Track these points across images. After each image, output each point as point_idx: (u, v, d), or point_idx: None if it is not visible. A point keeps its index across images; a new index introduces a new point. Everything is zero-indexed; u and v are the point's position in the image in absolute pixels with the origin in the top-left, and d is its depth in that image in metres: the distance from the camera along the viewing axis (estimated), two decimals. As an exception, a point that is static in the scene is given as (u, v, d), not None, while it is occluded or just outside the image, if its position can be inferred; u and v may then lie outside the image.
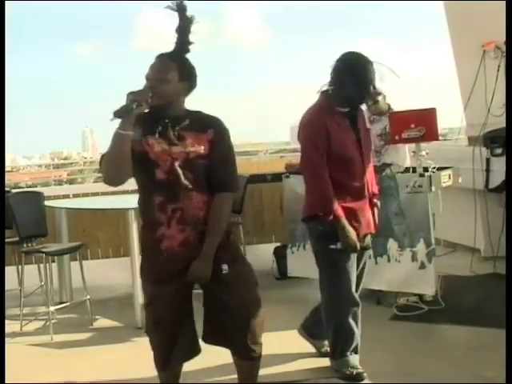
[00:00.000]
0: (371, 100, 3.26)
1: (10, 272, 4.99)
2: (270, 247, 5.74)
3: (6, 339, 3.77)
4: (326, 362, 3.41)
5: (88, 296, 4.62)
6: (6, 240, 4.80)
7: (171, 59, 2.54)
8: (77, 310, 4.77)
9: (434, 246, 4.25)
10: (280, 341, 3.84)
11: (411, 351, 3.60)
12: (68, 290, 5.17)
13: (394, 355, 3.57)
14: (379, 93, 3.26)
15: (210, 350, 2.83)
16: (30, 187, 15.47)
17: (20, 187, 15.48)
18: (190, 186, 2.52)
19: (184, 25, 2.56)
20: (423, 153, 4.36)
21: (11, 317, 4.61)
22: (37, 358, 3.91)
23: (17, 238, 4.79)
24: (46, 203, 5.04)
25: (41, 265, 4.98)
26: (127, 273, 4.58)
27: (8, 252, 5.00)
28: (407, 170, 4.67)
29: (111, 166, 2.48)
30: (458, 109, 5.93)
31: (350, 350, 3.29)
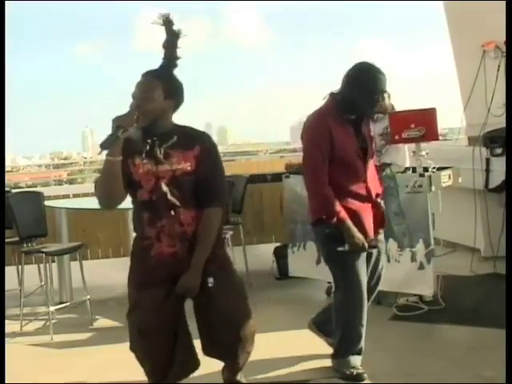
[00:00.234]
0: (378, 107, 3.28)
1: (10, 272, 5.00)
2: (270, 247, 5.74)
3: (6, 339, 3.78)
4: (327, 362, 3.41)
5: (88, 296, 4.62)
6: (6, 240, 4.80)
7: (157, 78, 2.55)
8: (77, 310, 4.77)
9: (434, 247, 4.25)
10: (280, 341, 3.85)
11: (411, 351, 3.60)
12: (68, 290, 5.17)
13: (394, 355, 3.57)
14: (384, 91, 3.26)
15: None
16: (30, 187, 15.47)
17: (20, 187, 15.49)
18: (178, 204, 2.55)
19: (171, 39, 2.59)
20: (423, 153, 4.36)
21: (11, 317, 4.61)
22: (37, 358, 3.91)
23: (17, 238, 4.79)
24: (46, 203, 5.04)
25: (41, 265, 4.99)
26: (127, 273, 4.57)
27: (8, 252, 5.00)
28: (407, 170, 4.67)
29: (104, 191, 2.57)
30: (458, 109, 5.94)
31: (355, 351, 3.29)
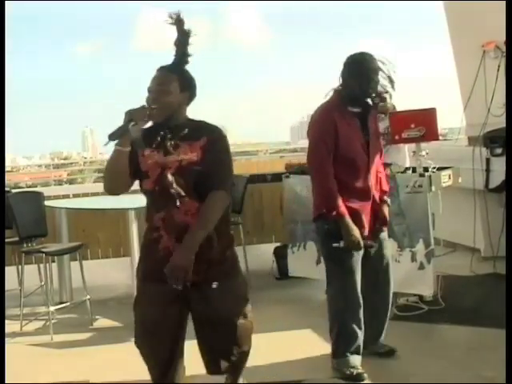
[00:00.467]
0: (378, 98, 3.28)
1: (10, 272, 4.99)
2: (270, 247, 5.74)
3: (6, 339, 3.77)
4: (327, 362, 3.41)
5: (88, 296, 4.62)
6: (6, 240, 4.80)
7: (172, 71, 2.62)
8: (77, 310, 4.77)
9: (434, 247, 4.25)
10: (280, 341, 3.85)
11: (411, 351, 3.60)
12: (68, 290, 5.17)
13: (394, 355, 3.56)
14: (386, 91, 3.28)
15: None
16: (30, 187, 15.44)
17: (20, 187, 15.46)
18: (183, 194, 2.56)
19: (182, 38, 2.65)
20: (423, 153, 4.36)
21: (11, 317, 4.61)
22: (37, 358, 3.91)
23: (17, 238, 4.79)
24: (46, 203, 5.04)
25: (41, 265, 4.98)
26: (127, 273, 4.59)
27: (8, 252, 5.00)
28: (407, 170, 4.67)
29: (109, 178, 2.64)
30: (458, 109, 5.93)
31: (352, 351, 3.29)
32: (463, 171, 4.85)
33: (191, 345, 2.88)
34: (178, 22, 2.64)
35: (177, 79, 2.60)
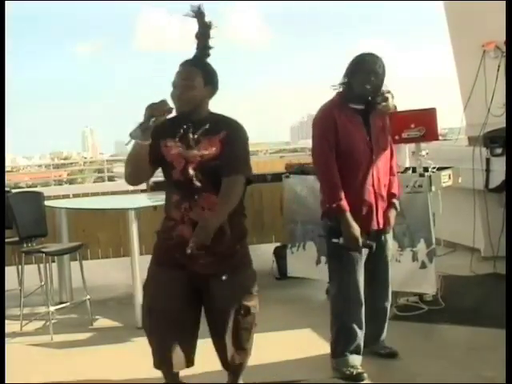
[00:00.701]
0: (379, 97, 3.29)
1: (10, 272, 4.99)
2: (270, 247, 5.73)
3: (6, 339, 3.77)
4: (326, 362, 3.40)
5: (88, 296, 4.61)
6: (6, 240, 4.79)
7: (195, 65, 2.67)
8: (77, 310, 4.77)
9: (435, 246, 4.25)
10: (280, 341, 3.85)
11: (411, 351, 3.60)
12: (68, 290, 5.17)
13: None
14: (388, 91, 3.30)
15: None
16: (30, 187, 15.49)
17: (20, 187, 15.50)
18: (202, 187, 2.63)
19: (203, 30, 2.69)
20: (423, 153, 4.36)
21: (11, 317, 4.61)
22: (37, 358, 3.91)
23: (17, 238, 4.79)
24: (46, 203, 5.03)
25: (41, 265, 4.98)
26: (127, 273, 4.58)
27: (8, 252, 4.99)
28: (407, 170, 4.67)
29: (130, 170, 2.67)
30: (458, 109, 5.94)
31: (351, 350, 3.29)
32: (463, 171, 4.85)
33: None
34: (199, 15, 2.67)
35: (201, 73, 2.65)
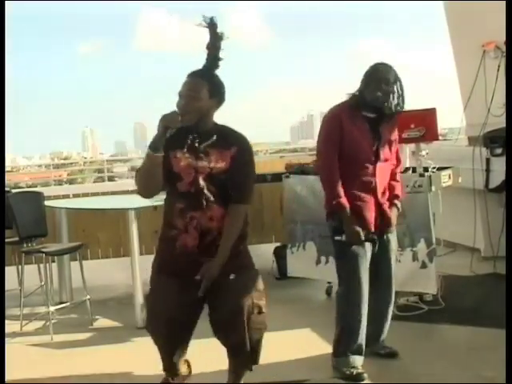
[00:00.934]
0: (388, 108, 3.32)
1: (10, 272, 4.99)
2: (270, 247, 5.73)
3: (6, 339, 3.78)
4: (327, 362, 3.41)
5: (88, 296, 4.61)
6: (6, 240, 4.79)
7: (202, 77, 2.71)
8: (77, 310, 4.77)
9: (435, 246, 4.25)
10: (280, 341, 3.85)
11: (411, 351, 3.60)
12: (68, 290, 5.17)
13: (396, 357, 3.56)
14: (398, 103, 3.34)
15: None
16: (30, 187, 15.48)
17: (20, 187, 15.50)
18: (212, 198, 2.69)
19: (215, 41, 2.73)
20: (423, 153, 4.36)
21: (11, 317, 4.61)
22: (37, 358, 3.90)
23: (17, 238, 4.78)
24: (46, 203, 5.03)
25: (41, 265, 4.98)
26: (127, 273, 4.58)
27: (8, 252, 4.99)
28: (407, 170, 4.67)
29: (143, 182, 2.72)
30: (458, 109, 5.94)
31: (353, 350, 3.29)
32: (463, 171, 4.85)
33: (193, 344, 2.90)
34: (212, 26, 2.71)
35: (207, 85, 2.69)
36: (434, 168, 4.36)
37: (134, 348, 3.97)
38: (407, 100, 3.37)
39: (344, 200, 3.21)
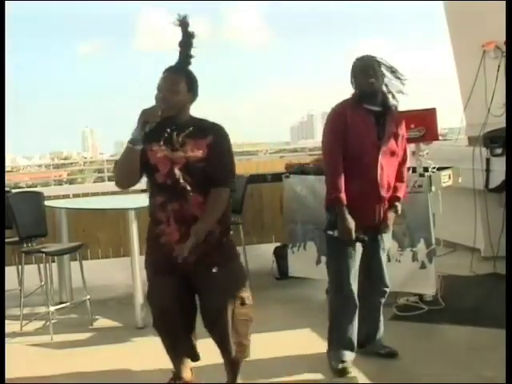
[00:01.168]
0: (378, 95, 3.33)
1: (10, 272, 4.99)
2: (270, 247, 5.74)
3: (6, 339, 3.78)
4: (326, 362, 3.40)
5: (88, 296, 4.61)
6: (6, 240, 4.79)
7: (180, 72, 2.79)
8: (77, 310, 4.77)
9: (435, 246, 4.25)
10: (279, 341, 3.85)
11: (411, 351, 3.60)
12: (68, 290, 5.17)
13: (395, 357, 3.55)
14: (389, 91, 3.34)
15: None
16: (30, 187, 15.45)
17: (20, 187, 15.47)
18: (189, 188, 2.73)
19: (186, 39, 2.80)
20: (423, 153, 4.36)
21: (11, 317, 4.61)
22: (37, 358, 3.90)
23: (17, 238, 4.78)
24: (46, 203, 5.04)
25: (41, 265, 4.98)
26: (127, 273, 4.58)
27: (8, 252, 4.99)
28: (407, 170, 4.67)
29: (121, 173, 2.80)
30: (458, 109, 5.92)
31: (343, 345, 3.34)
32: (463, 171, 4.85)
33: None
34: (184, 24, 2.79)
35: (184, 80, 2.77)
36: (434, 168, 4.36)
37: (134, 348, 3.98)
38: (407, 100, 3.39)
39: (342, 195, 3.22)
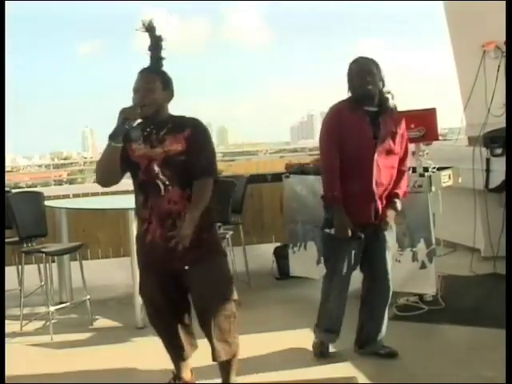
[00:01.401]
0: (375, 98, 3.35)
1: (10, 272, 4.99)
2: (270, 247, 5.74)
3: (6, 339, 3.77)
4: (326, 363, 3.41)
5: (88, 296, 4.61)
6: (6, 240, 4.79)
7: (154, 72, 2.85)
8: (77, 310, 4.77)
9: (435, 246, 4.25)
10: (279, 340, 3.85)
11: (411, 351, 3.60)
12: (68, 290, 5.16)
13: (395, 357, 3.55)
14: (388, 91, 3.36)
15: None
16: (30, 187, 15.48)
17: (20, 187, 15.49)
18: (167, 182, 2.78)
19: (155, 43, 2.87)
20: (423, 153, 4.36)
21: (11, 317, 4.61)
22: (37, 358, 3.90)
23: (17, 238, 4.78)
24: (46, 203, 5.03)
25: (41, 265, 4.98)
26: (127, 273, 4.58)
27: (8, 252, 4.99)
28: (407, 170, 4.67)
29: (102, 172, 2.84)
30: (458, 109, 5.94)
31: (326, 328, 3.50)
32: (463, 171, 4.85)
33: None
34: (150, 29, 2.86)
35: (159, 78, 2.83)
36: (434, 168, 4.36)
37: (134, 348, 3.98)
38: (407, 100, 3.40)
39: (339, 194, 3.27)
